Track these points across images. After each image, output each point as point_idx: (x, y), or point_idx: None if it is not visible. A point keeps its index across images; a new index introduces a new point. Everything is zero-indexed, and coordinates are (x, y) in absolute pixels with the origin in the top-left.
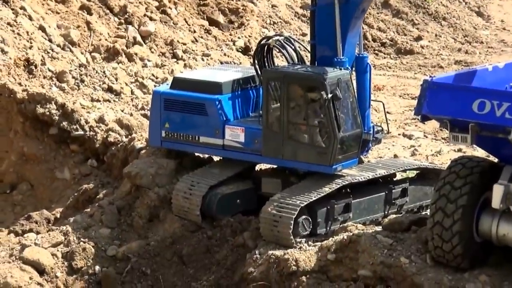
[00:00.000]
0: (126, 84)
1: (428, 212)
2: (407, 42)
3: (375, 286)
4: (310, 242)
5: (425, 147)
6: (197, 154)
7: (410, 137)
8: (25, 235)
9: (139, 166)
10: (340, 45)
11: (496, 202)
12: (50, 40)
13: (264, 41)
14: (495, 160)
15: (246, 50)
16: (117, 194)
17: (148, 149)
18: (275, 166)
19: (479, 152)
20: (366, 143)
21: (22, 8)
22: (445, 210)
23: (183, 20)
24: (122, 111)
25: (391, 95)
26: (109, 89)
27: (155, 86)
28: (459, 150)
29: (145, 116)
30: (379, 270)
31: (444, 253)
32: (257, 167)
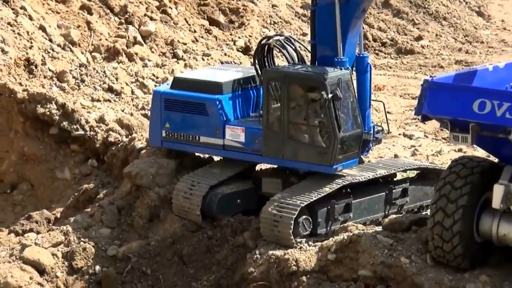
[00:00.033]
0: (127, 84)
1: (428, 212)
2: (407, 42)
3: (375, 286)
4: (310, 242)
5: (426, 147)
6: (197, 154)
7: (410, 137)
8: (26, 235)
9: (140, 166)
10: (341, 45)
11: (496, 202)
12: (50, 40)
13: (264, 41)
14: (496, 160)
15: (246, 50)
16: (118, 194)
17: (149, 149)
18: (276, 166)
19: (479, 152)
20: (366, 143)
21: (23, 8)
22: (445, 210)
23: (183, 20)
24: (123, 111)
25: (392, 95)
26: (110, 89)
27: (155, 86)
28: (460, 150)
29: (146, 116)
30: (380, 270)
31: (445, 253)
32: (258, 167)
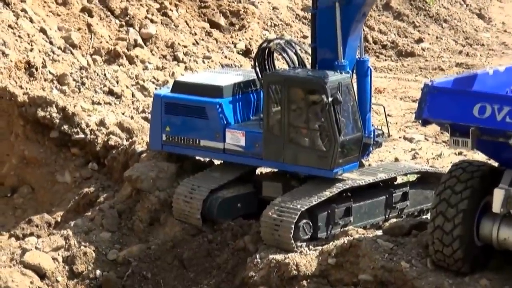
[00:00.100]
0: (127, 87)
1: (428, 216)
2: (408, 45)
3: None
4: (310, 246)
5: (426, 150)
6: (197, 157)
7: (411, 140)
8: (26, 239)
9: (140, 169)
10: (341, 48)
11: (496, 206)
12: (51, 43)
13: (265, 45)
14: (496, 164)
15: (247, 52)
16: (118, 197)
17: (149, 152)
18: (276, 169)
19: (479, 156)
20: (366, 146)
21: (23, 10)
22: (445, 215)
23: (184, 22)
24: (123, 114)
25: (392, 98)
26: (110, 92)
27: (156, 88)
28: (460, 153)
29: (146, 119)
30: (380, 274)
31: (445, 257)
32: (258, 171)
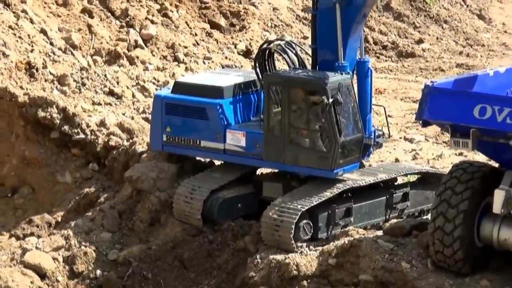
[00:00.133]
0: (128, 88)
1: (429, 216)
2: (408, 45)
3: None
4: (311, 247)
5: (426, 150)
6: (198, 158)
7: (411, 140)
8: (26, 239)
9: (140, 170)
10: (341, 49)
11: (497, 207)
12: (51, 43)
13: (265, 46)
14: (496, 165)
15: (247, 53)
16: (118, 198)
17: (149, 153)
18: (276, 170)
19: (480, 157)
20: (367, 147)
21: (24, 11)
22: (446, 215)
23: (184, 23)
24: (124, 114)
25: (392, 99)
26: (111, 93)
27: (156, 89)
28: (461, 154)
29: (147, 119)
30: (380, 274)
31: (445, 258)
32: (258, 172)
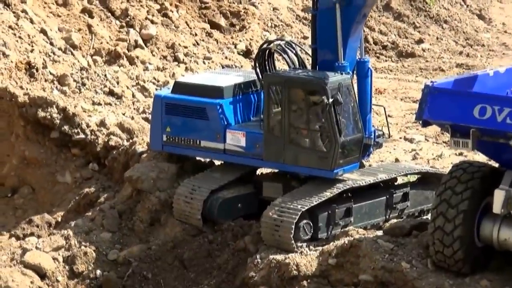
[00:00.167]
0: (128, 88)
1: (429, 216)
2: (408, 45)
3: None
4: (311, 247)
5: (426, 150)
6: (198, 158)
7: (411, 140)
8: (26, 239)
9: (140, 170)
10: (341, 49)
11: (497, 207)
12: (51, 43)
13: (265, 46)
14: (496, 165)
15: (247, 53)
16: (118, 198)
17: (149, 153)
18: (276, 170)
19: (480, 157)
20: (367, 147)
21: (24, 11)
22: (446, 215)
23: (184, 23)
24: (124, 114)
25: (392, 99)
26: (111, 93)
27: (156, 89)
28: (461, 153)
29: (147, 119)
30: (380, 274)
31: (445, 258)
32: (258, 172)
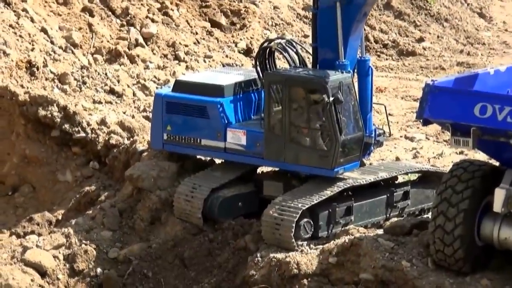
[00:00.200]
0: (128, 86)
1: (429, 215)
2: (409, 44)
3: None
4: (311, 245)
5: (427, 149)
6: (199, 157)
7: (412, 139)
8: (27, 237)
9: (141, 168)
10: (342, 48)
11: (497, 206)
12: (52, 42)
13: (266, 44)
14: (497, 163)
15: (248, 51)
16: (119, 196)
17: (150, 151)
18: (277, 169)
19: (480, 155)
20: (368, 146)
21: (24, 10)
22: (446, 214)
23: (185, 21)
24: (124, 113)
25: (393, 97)
26: (111, 91)
27: (157, 88)
28: (461, 152)
29: (147, 118)
30: (381, 273)
31: (446, 257)
32: (259, 170)
